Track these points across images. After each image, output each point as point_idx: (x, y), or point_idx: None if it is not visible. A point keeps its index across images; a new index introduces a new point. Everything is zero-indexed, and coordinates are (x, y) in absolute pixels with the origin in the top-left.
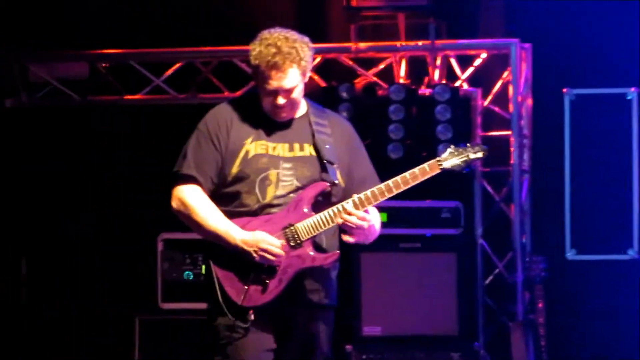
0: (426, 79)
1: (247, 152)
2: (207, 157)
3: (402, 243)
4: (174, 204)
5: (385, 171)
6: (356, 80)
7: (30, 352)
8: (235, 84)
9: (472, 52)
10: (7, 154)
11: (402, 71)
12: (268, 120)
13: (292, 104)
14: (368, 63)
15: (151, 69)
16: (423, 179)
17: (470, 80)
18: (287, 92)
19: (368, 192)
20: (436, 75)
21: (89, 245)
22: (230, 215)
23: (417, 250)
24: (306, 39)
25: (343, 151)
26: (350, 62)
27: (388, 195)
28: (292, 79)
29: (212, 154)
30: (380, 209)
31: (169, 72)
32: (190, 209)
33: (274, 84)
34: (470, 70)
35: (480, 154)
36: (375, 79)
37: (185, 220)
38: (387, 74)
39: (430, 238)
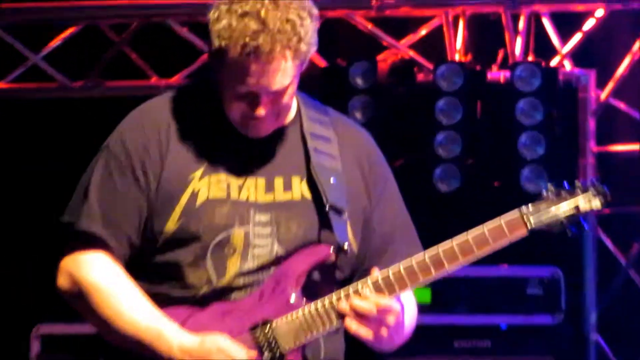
0: (500, 55)
1: (193, 195)
2: (124, 202)
3: (457, 341)
4: (62, 280)
5: (431, 213)
6: (379, 57)
7: None
8: (169, 65)
9: (581, 7)
10: None
11: (459, 41)
12: (233, 135)
13: (279, 114)
14: (399, 27)
15: (25, 40)
16: (496, 245)
17: (577, 57)
18: (274, 95)
19: (400, 265)
20: (517, 47)
21: None
22: (162, 302)
23: (485, 354)
24: (307, 1)
25: (357, 186)
26: (370, 26)
27: (435, 274)
28: (284, 76)
29: (131, 196)
30: None
31: (53, 44)
32: (89, 291)
33: (251, 82)
34: (577, 39)
35: (596, 203)
36: (411, 53)
37: (80, 309)
38: (433, 46)
39: (508, 332)
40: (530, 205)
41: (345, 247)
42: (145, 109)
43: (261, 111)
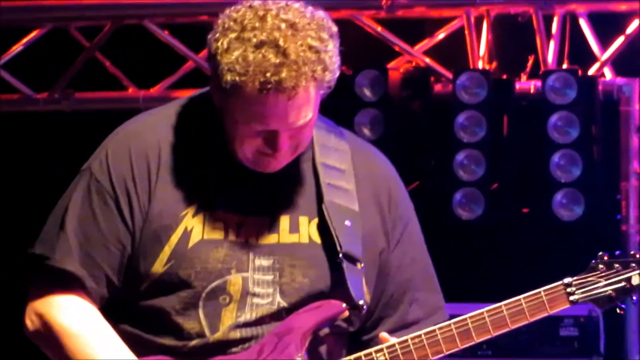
0: (530, 62)
1: (185, 235)
2: (104, 237)
3: None
4: (31, 321)
5: (450, 244)
6: (390, 65)
7: None
8: (148, 73)
9: (623, 7)
10: None
11: (483, 46)
12: (233, 165)
13: (297, 147)
14: (413, 30)
15: None
16: (533, 319)
17: (619, 65)
18: (295, 130)
19: (422, 333)
20: (550, 53)
21: None
22: (145, 349)
23: None
24: (324, 17)
25: (374, 226)
26: (379, 28)
27: (461, 346)
28: (308, 109)
29: (114, 231)
30: None
31: (13, 50)
32: (62, 336)
33: (272, 120)
34: (618, 43)
35: None
36: (427, 61)
37: (50, 354)
38: (452, 52)
39: None
40: (575, 277)
41: (361, 304)
42: (133, 130)
43: (282, 148)
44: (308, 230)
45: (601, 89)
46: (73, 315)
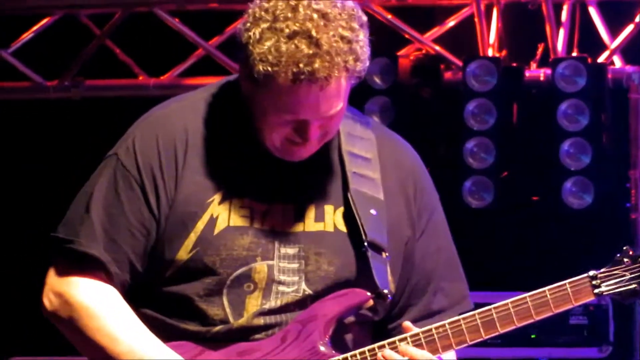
0: (540, 50)
1: (211, 222)
2: (130, 223)
3: None
4: (50, 301)
5: (459, 232)
6: (400, 52)
7: None
8: (159, 61)
9: None
10: None
11: (493, 34)
12: (259, 153)
13: (325, 136)
14: (424, 18)
15: None
16: (558, 311)
17: (629, 52)
18: (325, 120)
19: (445, 323)
20: (559, 41)
21: None
22: (168, 334)
23: None
24: (355, 6)
25: (400, 215)
26: (390, 16)
27: (485, 336)
28: (339, 99)
29: (139, 217)
30: None
31: (24, 38)
32: (83, 315)
33: (304, 110)
34: (628, 31)
35: None
36: (438, 48)
37: (68, 334)
38: (462, 40)
39: None
40: (601, 270)
41: (386, 292)
42: (160, 116)
43: (312, 137)
44: (333, 219)
45: (610, 76)
46: (94, 296)
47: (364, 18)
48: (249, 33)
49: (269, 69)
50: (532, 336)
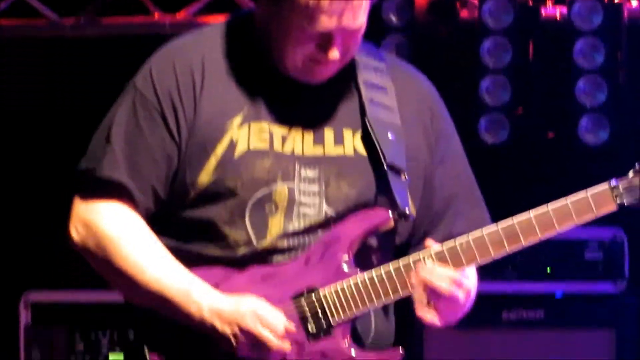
0: None
1: (231, 145)
2: (151, 149)
3: (506, 311)
4: (76, 230)
5: (475, 168)
6: None
7: None
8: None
9: None
10: None
11: None
12: (276, 78)
13: (346, 54)
14: None
15: None
16: (580, 221)
17: None
18: (349, 34)
19: (469, 236)
20: None
21: None
22: (192, 261)
23: (537, 326)
24: None
25: (417, 142)
26: None
27: (509, 249)
28: (365, 11)
29: (160, 143)
30: None
31: None
32: (109, 243)
33: (330, 21)
34: None
35: None
36: None
37: (95, 263)
38: None
39: (563, 301)
40: (621, 179)
41: (407, 212)
42: (177, 45)
43: (335, 53)
44: (353, 143)
45: (627, 15)
46: (120, 224)
47: None
48: None
49: None
50: (548, 271)
